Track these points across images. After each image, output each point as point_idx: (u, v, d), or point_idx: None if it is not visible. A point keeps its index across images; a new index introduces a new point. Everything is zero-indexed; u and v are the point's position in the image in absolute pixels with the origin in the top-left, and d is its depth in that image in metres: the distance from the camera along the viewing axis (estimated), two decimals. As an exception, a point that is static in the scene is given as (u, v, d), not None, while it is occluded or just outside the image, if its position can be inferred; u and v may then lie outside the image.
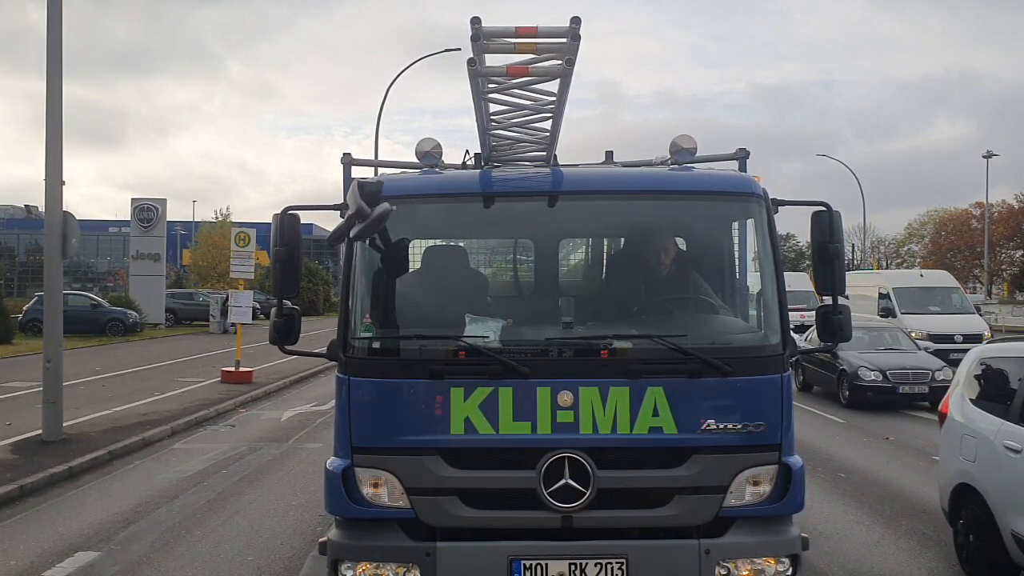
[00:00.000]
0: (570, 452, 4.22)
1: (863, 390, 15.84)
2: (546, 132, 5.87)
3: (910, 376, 15.81)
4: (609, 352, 4.37)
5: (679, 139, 5.40)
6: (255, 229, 20.08)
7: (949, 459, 6.89)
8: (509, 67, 4.81)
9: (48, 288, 11.43)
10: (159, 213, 40.17)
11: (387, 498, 4.34)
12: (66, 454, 10.37)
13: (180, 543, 7.26)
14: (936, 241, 68.15)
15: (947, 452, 6.98)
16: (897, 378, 15.74)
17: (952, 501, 6.69)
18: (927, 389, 15.59)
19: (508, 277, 5.91)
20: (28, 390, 15.83)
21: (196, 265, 55.02)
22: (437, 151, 5.45)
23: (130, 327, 32.89)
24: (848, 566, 6.71)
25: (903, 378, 15.77)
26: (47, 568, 6.64)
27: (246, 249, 19.10)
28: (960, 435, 6.72)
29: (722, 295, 4.98)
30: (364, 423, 4.40)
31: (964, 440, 6.61)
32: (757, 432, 4.32)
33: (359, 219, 4.18)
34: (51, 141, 11.02)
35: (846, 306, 4.69)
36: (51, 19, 10.98)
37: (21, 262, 72.32)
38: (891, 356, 16.55)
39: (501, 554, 4.21)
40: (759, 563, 4.31)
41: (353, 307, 4.54)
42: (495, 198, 4.93)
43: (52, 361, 11.06)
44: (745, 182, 4.86)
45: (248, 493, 9.06)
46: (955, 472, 6.67)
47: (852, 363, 16.18)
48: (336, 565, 4.38)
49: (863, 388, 15.84)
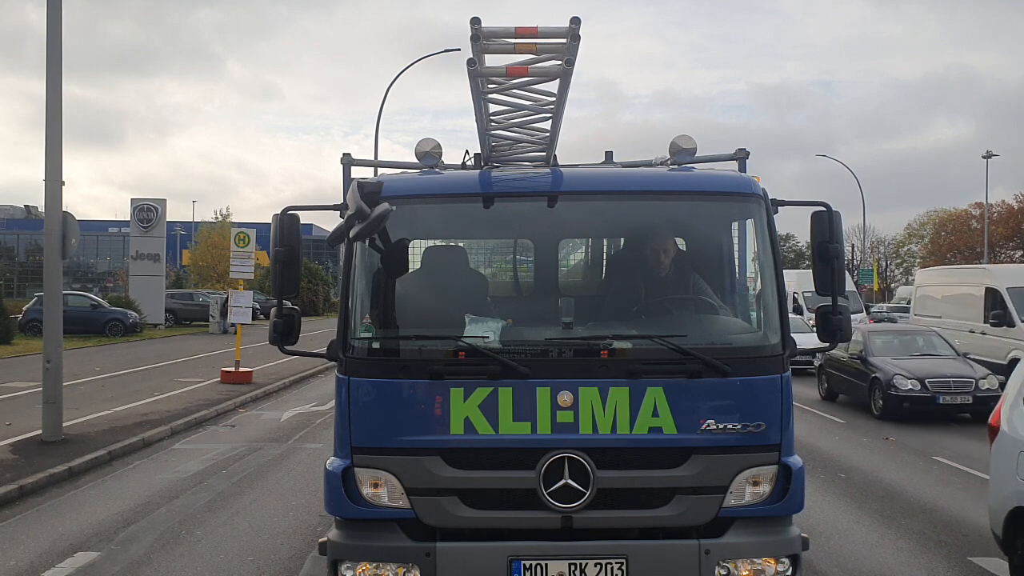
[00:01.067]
0: (570, 452, 4.22)
1: (899, 401, 14.27)
2: (546, 132, 5.87)
3: (951, 385, 14.18)
4: (609, 352, 4.38)
5: (679, 139, 5.41)
6: (255, 229, 20.11)
7: (1003, 479, 6.11)
8: (509, 67, 4.81)
9: (48, 288, 11.42)
10: (159, 213, 40.16)
11: (387, 498, 4.34)
12: (66, 454, 10.37)
13: (180, 543, 7.26)
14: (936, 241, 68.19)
15: (1000, 471, 6.20)
16: (937, 387, 14.15)
17: (1008, 526, 5.95)
18: (970, 399, 14.04)
19: (508, 277, 5.92)
20: (28, 390, 15.83)
21: (196, 265, 55.07)
22: (437, 151, 5.45)
23: (130, 327, 32.87)
24: (848, 566, 6.71)
25: (944, 387, 14.17)
26: (47, 568, 6.64)
27: (246, 249, 19.11)
28: (1017, 452, 5.98)
29: (722, 295, 4.98)
30: (364, 423, 4.40)
31: (1022, 457, 5.88)
32: (757, 432, 4.32)
33: (359, 219, 4.19)
34: (51, 141, 11.02)
35: (845, 306, 4.70)
36: (51, 20, 10.98)
37: (21, 262, 72.37)
38: (928, 363, 15.02)
39: (501, 554, 4.21)
40: (759, 563, 4.31)
41: (353, 307, 4.54)
42: (495, 198, 4.93)
43: (52, 361, 11.05)
44: (745, 182, 4.86)
45: (248, 493, 9.06)
46: (1011, 493, 5.92)
47: (886, 371, 14.69)
48: (336, 565, 4.38)
49: (899, 399, 14.27)
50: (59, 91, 11.07)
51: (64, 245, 10.99)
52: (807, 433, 12.88)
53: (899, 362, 15.05)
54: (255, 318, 30.60)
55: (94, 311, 33.36)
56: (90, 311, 33.14)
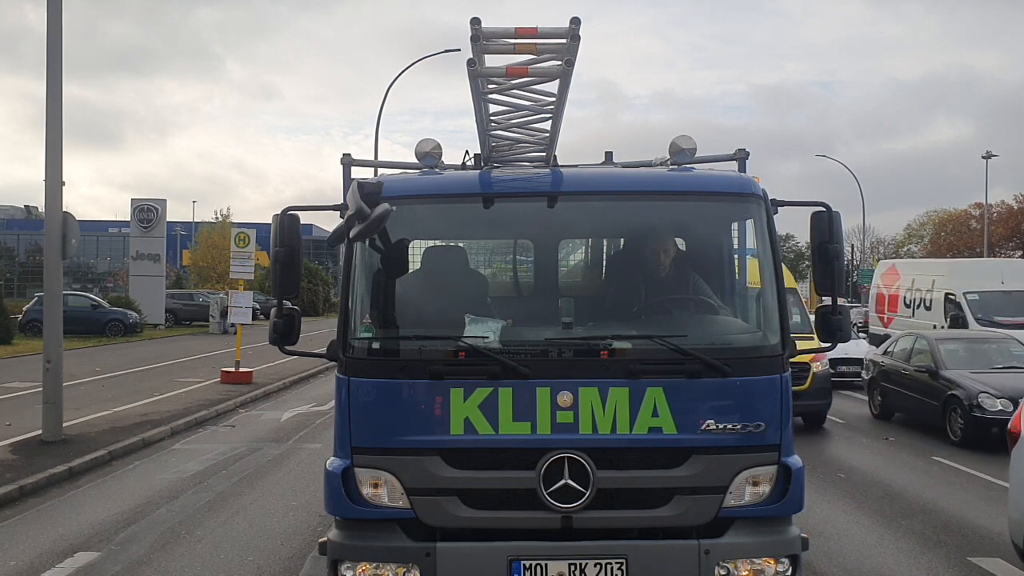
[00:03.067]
0: (570, 452, 4.23)
1: (986, 425, 11.42)
2: (546, 132, 5.88)
3: None
4: (609, 352, 4.38)
5: (679, 140, 5.41)
6: (255, 230, 20.13)
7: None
8: (509, 68, 4.82)
9: (48, 288, 11.42)
10: (159, 213, 40.17)
11: (387, 498, 4.34)
12: (66, 454, 10.37)
13: (180, 543, 7.26)
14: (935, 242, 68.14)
15: (1022, 479, 6.07)
16: None
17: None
18: None
19: (508, 277, 5.92)
20: (28, 390, 15.83)
21: (196, 266, 55.10)
22: (437, 152, 5.45)
23: (130, 328, 32.89)
24: (848, 566, 6.71)
25: None
26: (47, 568, 6.64)
27: (246, 250, 19.11)
28: None
29: (722, 295, 4.98)
30: (364, 423, 4.40)
31: None
32: (756, 432, 4.32)
33: (359, 219, 4.19)
34: (51, 142, 11.02)
35: (845, 307, 4.70)
36: (51, 20, 10.98)
37: (21, 262, 72.31)
38: (1014, 378, 12.25)
39: (501, 554, 4.21)
40: (759, 563, 4.31)
41: (353, 307, 4.54)
42: (495, 198, 4.93)
43: (52, 361, 11.06)
44: (745, 183, 4.87)
45: (248, 493, 9.06)
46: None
47: (968, 388, 12.01)
48: (336, 565, 4.38)
49: (986, 422, 11.43)
50: (59, 91, 11.08)
51: (64, 245, 10.99)
52: (805, 432, 12.86)
53: (980, 377, 12.37)
54: (255, 318, 30.57)
55: (94, 311, 33.38)
56: (90, 311, 33.15)
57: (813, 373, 12.64)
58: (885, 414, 14.57)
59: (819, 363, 12.86)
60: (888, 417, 14.51)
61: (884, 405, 14.57)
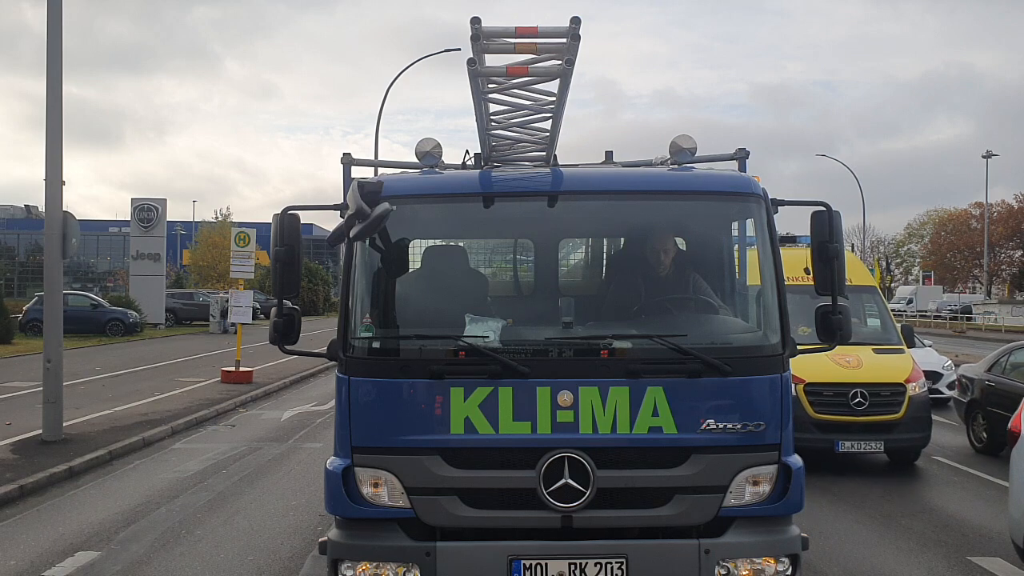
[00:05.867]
0: (570, 452, 4.23)
1: None
2: (546, 132, 5.87)
3: None
4: (609, 352, 4.38)
5: (679, 139, 5.41)
6: (255, 229, 20.09)
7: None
8: (509, 67, 4.82)
9: (48, 288, 11.42)
10: (159, 213, 40.17)
11: (387, 498, 4.34)
12: (66, 454, 10.37)
13: (180, 543, 7.26)
14: (936, 241, 68.21)
15: (1022, 478, 6.02)
16: None
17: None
18: None
19: (508, 277, 5.92)
20: (28, 390, 15.83)
21: (196, 265, 55.06)
22: (437, 151, 5.45)
23: (130, 327, 32.86)
24: (848, 566, 6.71)
25: None
26: (47, 568, 6.64)
27: (246, 249, 19.11)
28: None
29: (722, 295, 4.98)
30: (364, 423, 4.40)
31: None
32: (757, 432, 4.32)
33: (359, 219, 4.20)
34: (51, 141, 11.02)
35: (845, 306, 4.70)
36: (51, 20, 10.97)
37: (21, 262, 72.36)
38: None
39: (501, 554, 4.22)
40: (759, 563, 4.32)
41: (353, 307, 4.54)
42: (495, 198, 4.93)
43: (52, 361, 11.05)
44: (745, 182, 4.86)
45: (248, 493, 9.06)
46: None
47: None
48: (336, 565, 4.38)
49: None
50: (59, 91, 11.07)
51: (64, 245, 10.98)
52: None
53: None
54: (255, 318, 30.59)
55: (94, 311, 33.34)
56: (90, 311, 33.12)
57: (909, 397, 9.80)
58: (992, 448, 11.23)
59: (915, 384, 9.98)
60: (997, 452, 11.00)
61: (994, 436, 11.10)
